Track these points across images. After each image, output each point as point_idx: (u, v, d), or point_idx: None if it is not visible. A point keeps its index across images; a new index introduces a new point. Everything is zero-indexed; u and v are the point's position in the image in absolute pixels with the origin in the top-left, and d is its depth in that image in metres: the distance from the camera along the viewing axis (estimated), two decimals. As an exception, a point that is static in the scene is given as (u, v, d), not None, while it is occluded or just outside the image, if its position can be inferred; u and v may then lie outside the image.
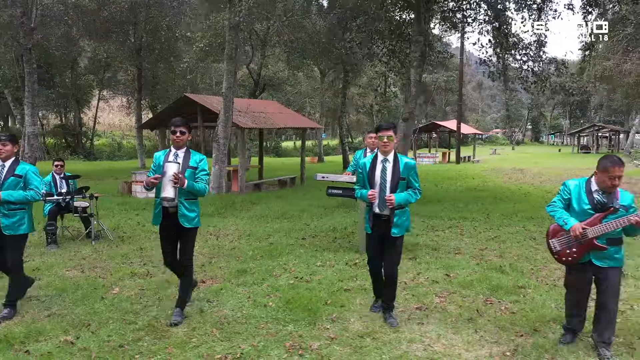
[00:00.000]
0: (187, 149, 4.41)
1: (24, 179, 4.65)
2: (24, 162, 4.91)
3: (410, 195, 4.13)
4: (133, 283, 5.66)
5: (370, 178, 4.20)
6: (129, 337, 4.06)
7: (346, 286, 5.26)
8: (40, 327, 4.30)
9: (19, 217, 4.63)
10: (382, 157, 4.19)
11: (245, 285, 5.41)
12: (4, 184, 4.56)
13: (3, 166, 4.63)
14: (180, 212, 4.32)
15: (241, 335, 4.08)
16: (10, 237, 4.58)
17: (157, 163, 4.36)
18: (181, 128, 4.33)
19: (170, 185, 4.12)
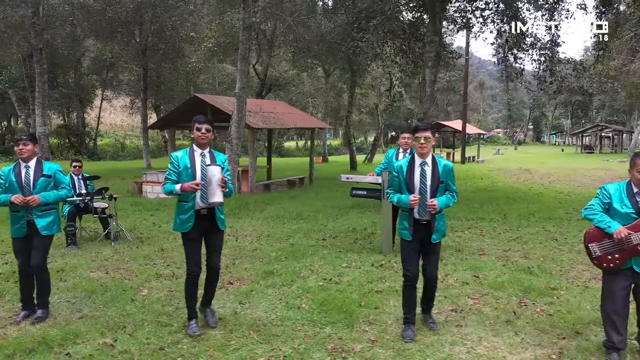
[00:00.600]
0: (210, 150, 4.26)
1: (54, 179, 4.62)
2: (47, 161, 4.84)
3: (449, 199, 3.99)
4: (160, 284, 5.63)
5: (408, 182, 3.98)
6: (168, 339, 4.04)
7: (376, 288, 5.24)
8: (76, 329, 4.27)
9: (52, 218, 4.64)
10: (420, 159, 3.98)
11: (274, 286, 5.39)
12: (36, 185, 4.52)
13: (27, 167, 4.55)
14: (217, 215, 4.22)
15: (279, 338, 4.06)
16: (44, 237, 4.57)
17: (183, 165, 4.12)
18: (206, 125, 4.13)
19: (220, 189, 3.94)
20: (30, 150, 4.54)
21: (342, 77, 34.63)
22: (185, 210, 4.14)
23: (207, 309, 4.45)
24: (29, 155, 4.53)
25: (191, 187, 3.97)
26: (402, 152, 6.88)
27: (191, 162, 4.13)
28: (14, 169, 4.54)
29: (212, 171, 4.01)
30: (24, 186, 4.48)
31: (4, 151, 33.36)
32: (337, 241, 7.59)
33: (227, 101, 15.61)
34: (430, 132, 3.98)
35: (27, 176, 4.51)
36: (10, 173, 4.52)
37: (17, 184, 4.47)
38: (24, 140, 4.52)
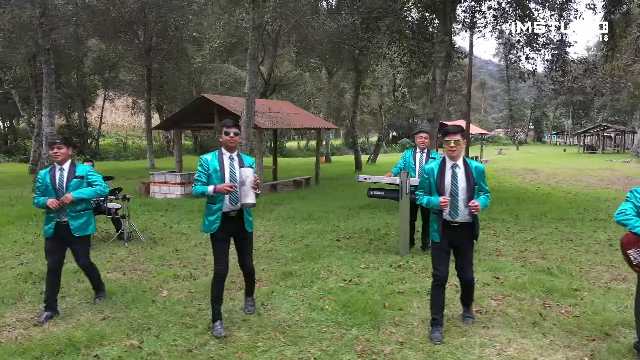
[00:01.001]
0: (238, 152, 4.31)
1: (86, 179, 4.72)
2: (79, 163, 4.89)
3: (486, 199, 4.04)
4: (179, 286, 5.62)
5: (438, 184, 3.99)
6: (195, 341, 4.03)
7: (397, 289, 5.23)
8: (100, 330, 4.26)
9: (86, 218, 4.75)
10: (451, 162, 4.01)
11: (294, 287, 5.37)
12: (69, 187, 4.62)
13: (62, 169, 4.67)
14: (246, 218, 4.26)
15: (306, 340, 4.04)
16: (79, 238, 4.70)
17: (213, 168, 4.16)
18: (234, 129, 4.19)
19: (252, 191, 4.01)
20: (65, 154, 4.65)
21: (345, 77, 34.69)
22: (213, 212, 4.18)
23: (249, 297, 4.66)
24: (64, 158, 4.66)
25: (225, 189, 4.00)
26: (419, 151, 6.88)
27: (220, 165, 4.18)
28: (50, 172, 4.67)
29: (246, 173, 4.06)
30: (57, 189, 4.59)
31: (7, 151, 33.37)
32: (352, 242, 7.58)
33: (234, 101, 15.59)
34: (461, 135, 3.99)
35: (60, 179, 4.63)
36: (46, 176, 4.66)
37: (52, 187, 4.59)
38: (58, 143, 4.64)
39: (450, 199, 3.94)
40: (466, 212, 3.96)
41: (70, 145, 4.83)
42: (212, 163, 4.19)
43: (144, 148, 44.87)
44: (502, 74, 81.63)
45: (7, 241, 8.05)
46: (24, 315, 4.72)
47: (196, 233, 8.67)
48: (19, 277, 5.92)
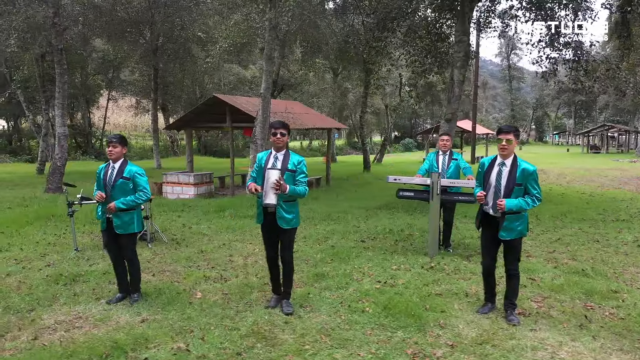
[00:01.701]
0: (287, 151, 4.47)
1: (132, 181, 4.81)
2: (131, 163, 4.93)
3: (526, 203, 4.09)
4: (212, 287, 5.58)
5: (485, 179, 4.22)
6: (241, 344, 4.00)
7: (434, 291, 5.20)
8: (143, 333, 4.23)
9: (129, 217, 4.87)
10: (500, 160, 4.16)
11: (330, 289, 5.34)
12: (114, 186, 4.76)
13: (113, 167, 4.82)
14: (279, 214, 4.45)
15: (353, 342, 4.01)
16: (120, 236, 4.84)
17: (260, 164, 4.48)
18: (281, 130, 4.41)
19: (272, 192, 4.19)
20: (119, 152, 4.78)
21: (349, 77, 34.63)
22: (258, 205, 4.57)
23: (284, 301, 4.70)
24: (117, 157, 4.80)
25: (251, 190, 4.36)
26: (441, 154, 6.85)
27: (265, 164, 4.40)
28: (105, 168, 4.87)
29: (269, 174, 4.26)
30: (106, 185, 4.79)
31: (12, 151, 33.32)
32: (377, 243, 7.54)
33: (246, 101, 15.57)
34: (514, 134, 4.03)
35: (110, 176, 4.79)
36: (101, 171, 4.87)
37: (102, 182, 4.81)
38: (113, 142, 4.77)
39: (493, 194, 4.15)
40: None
41: (126, 144, 4.93)
42: (260, 160, 4.48)
43: (147, 148, 44.89)
44: (503, 74, 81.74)
45: (29, 242, 8.01)
46: (62, 318, 4.69)
47: (217, 234, 8.65)
48: (49, 279, 5.89)
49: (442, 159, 6.78)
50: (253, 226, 9.23)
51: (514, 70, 78.68)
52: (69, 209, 7.47)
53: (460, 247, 7.08)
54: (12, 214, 10.18)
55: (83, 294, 5.34)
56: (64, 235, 8.60)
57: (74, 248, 7.40)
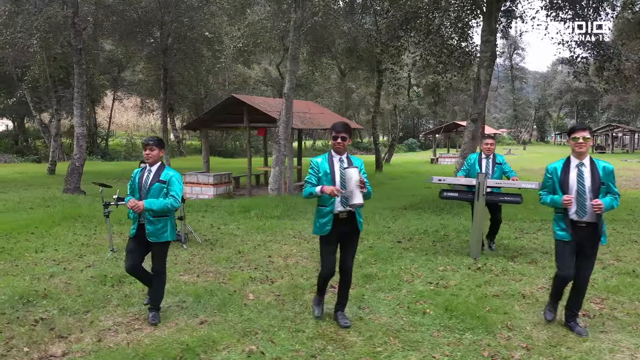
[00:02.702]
0: (347, 155, 4.28)
1: (167, 185, 4.53)
2: (169, 167, 4.75)
3: (613, 201, 3.94)
4: (261, 288, 5.55)
5: (562, 183, 4.00)
6: (311, 345, 3.97)
7: (488, 292, 5.17)
8: (207, 335, 4.20)
9: (162, 225, 4.56)
10: (577, 160, 3.99)
11: (382, 291, 5.31)
12: (150, 190, 4.50)
13: (150, 171, 4.58)
14: (358, 218, 4.24)
15: (423, 344, 3.98)
16: (153, 244, 4.55)
17: (323, 171, 4.18)
18: (343, 134, 4.15)
19: (359, 191, 3.95)
20: (156, 155, 4.53)
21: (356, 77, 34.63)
22: (324, 214, 4.18)
23: (339, 312, 4.46)
24: (154, 160, 4.55)
25: (333, 192, 3.97)
26: (484, 157, 6.79)
27: (330, 168, 4.18)
28: (141, 171, 4.61)
29: (350, 173, 3.99)
30: (141, 188, 4.52)
31: (18, 151, 33.22)
32: (414, 244, 7.51)
33: (263, 101, 15.55)
34: (589, 132, 3.96)
35: (146, 179, 4.55)
36: (137, 175, 4.62)
37: (138, 186, 4.55)
38: (150, 145, 4.52)
39: (577, 198, 3.93)
40: (592, 212, 3.91)
41: (163, 146, 4.67)
42: (322, 166, 4.20)
43: (152, 148, 44.78)
44: (505, 74, 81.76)
45: (62, 243, 7.97)
46: (119, 319, 4.65)
47: (248, 234, 8.62)
48: (95, 280, 5.85)
49: (485, 162, 6.68)
50: (282, 227, 9.20)
51: (516, 70, 78.74)
52: (105, 210, 7.44)
53: (500, 248, 7.05)
54: (38, 215, 10.14)
55: (133, 296, 5.31)
56: (94, 236, 8.56)
57: (110, 249, 7.36)
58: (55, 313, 4.78)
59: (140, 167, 7.99)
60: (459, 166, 10.90)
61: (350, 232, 4.24)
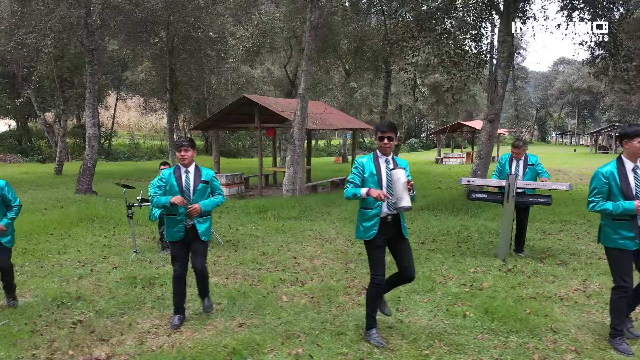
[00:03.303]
0: (393, 156, 4.16)
1: (210, 185, 4.64)
2: (202, 167, 4.76)
3: None
4: (293, 290, 5.53)
5: (624, 188, 3.77)
6: (359, 349, 3.94)
7: (525, 294, 5.15)
8: (249, 337, 4.17)
9: (209, 224, 4.70)
10: (632, 164, 3.80)
11: (417, 292, 5.29)
12: (196, 191, 4.55)
13: (187, 172, 4.57)
14: (402, 223, 4.09)
15: (470, 347, 3.96)
16: (202, 242, 4.61)
17: (369, 171, 4.04)
18: (389, 134, 4.02)
19: (407, 193, 3.81)
20: (190, 157, 4.54)
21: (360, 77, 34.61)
22: (370, 217, 4.01)
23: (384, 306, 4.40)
24: (189, 161, 4.56)
25: (380, 196, 3.81)
26: (515, 160, 6.75)
27: (377, 169, 4.02)
28: (174, 173, 4.57)
29: (397, 175, 3.85)
30: (184, 191, 4.52)
31: (22, 151, 33.13)
32: (439, 245, 7.49)
33: (274, 102, 15.52)
34: None
35: (187, 181, 4.54)
36: (171, 177, 4.56)
37: (178, 189, 4.51)
38: (185, 146, 4.51)
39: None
40: None
41: (195, 147, 4.67)
42: (367, 166, 4.04)
43: (155, 148, 44.84)
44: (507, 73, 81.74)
45: (83, 244, 7.95)
46: (156, 322, 4.63)
47: (268, 235, 8.60)
48: (124, 282, 5.83)
49: (515, 164, 6.65)
50: (300, 228, 9.18)
51: (517, 70, 78.77)
52: (128, 211, 7.41)
53: (526, 249, 7.03)
54: (54, 216, 10.10)
55: (166, 298, 5.27)
56: (114, 237, 8.54)
57: (133, 250, 7.34)
58: (92, 315, 4.76)
59: (161, 168, 8.00)
60: (475, 167, 10.89)
61: (397, 236, 4.08)
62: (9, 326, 4.44)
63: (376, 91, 46.70)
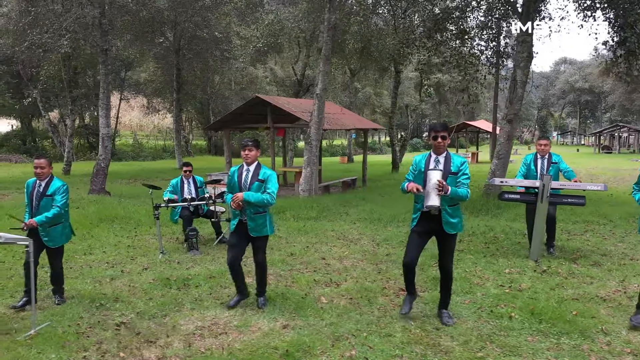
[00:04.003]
0: (448, 154, 4.30)
1: (265, 183, 4.79)
2: (265, 166, 4.92)
3: None
4: (329, 291, 5.50)
5: None
6: (412, 351, 3.91)
7: (564, 295, 5.12)
8: (298, 340, 4.14)
9: (262, 221, 4.88)
10: None
11: (456, 294, 5.24)
12: (251, 188, 4.76)
13: (248, 170, 4.83)
14: (444, 219, 4.28)
15: (522, 349, 3.93)
16: (256, 238, 4.88)
17: (418, 169, 4.35)
18: (442, 133, 4.22)
19: (434, 193, 4.04)
20: (254, 156, 4.79)
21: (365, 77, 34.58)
22: (415, 210, 4.45)
23: (443, 310, 4.56)
24: (252, 160, 4.80)
25: (413, 189, 4.19)
26: (539, 157, 6.77)
27: (425, 167, 4.28)
28: (238, 170, 4.86)
29: (430, 175, 4.13)
30: (242, 187, 4.79)
31: (26, 151, 33.05)
32: (467, 245, 7.46)
33: (287, 102, 15.48)
34: None
35: (246, 179, 4.80)
36: (234, 174, 4.86)
37: (238, 185, 4.81)
38: (249, 146, 4.75)
39: None
40: None
41: (259, 147, 4.89)
42: (419, 164, 4.35)
43: (159, 148, 44.74)
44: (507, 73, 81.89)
45: (107, 245, 7.91)
46: (199, 323, 4.60)
47: (291, 236, 8.56)
48: (159, 284, 5.79)
49: (541, 162, 6.69)
50: (322, 228, 9.13)
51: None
52: (155, 212, 7.37)
53: (555, 250, 7.00)
54: (73, 216, 9.93)
55: (204, 299, 5.26)
56: (136, 238, 8.50)
57: (160, 251, 7.30)
58: (134, 317, 4.72)
59: (184, 169, 7.97)
60: (493, 167, 10.87)
61: (439, 231, 4.31)
62: (53, 328, 4.41)
63: (379, 91, 46.72)
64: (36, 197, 4.98)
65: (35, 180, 5.04)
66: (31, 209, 4.99)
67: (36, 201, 4.97)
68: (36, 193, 4.98)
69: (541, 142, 6.77)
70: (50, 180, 5.01)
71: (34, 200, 4.99)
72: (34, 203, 4.98)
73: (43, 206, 4.94)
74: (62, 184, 5.05)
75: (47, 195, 4.96)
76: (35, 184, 5.01)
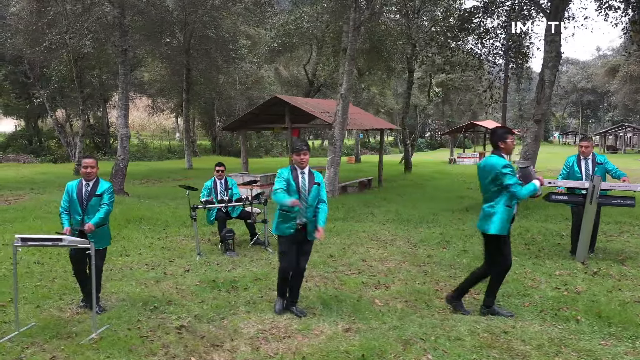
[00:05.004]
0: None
1: (320, 188, 4.85)
2: (313, 169, 4.85)
3: None
4: (381, 294, 5.44)
5: None
6: (489, 356, 3.84)
7: (623, 298, 5.06)
8: (367, 344, 4.06)
9: (312, 226, 4.84)
10: None
11: (512, 296, 5.20)
12: (310, 191, 4.77)
13: (303, 173, 4.80)
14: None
15: (598, 353, 3.86)
16: (310, 242, 4.90)
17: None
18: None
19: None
20: (308, 160, 4.80)
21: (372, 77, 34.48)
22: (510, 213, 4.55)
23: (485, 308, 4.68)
24: (306, 164, 4.82)
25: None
26: (583, 159, 6.71)
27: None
28: (292, 174, 4.76)
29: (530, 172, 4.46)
30: (300, 191, 4.72)
31: (33, 151, 32.93)
32: (506, 247, 7.38)
33: (305, 102, 15.43)
34: None
35: (303, 182, 4.76)
36: (289, 177, 4.75)
37: (295, 188, 4.72)
38: (304, 150, 4.74)
39: None
40: None
41: (309, 151, 4.83)
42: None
43: (164, 148, 44.62)
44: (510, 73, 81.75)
45: (141, 246, 7.83)
46: (259, 327, 4.53)
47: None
48: (206, 286, 5.71)
49: (585, 163, 6.62)
50: (351, 229, 9.05)
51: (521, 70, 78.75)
52: (192, 213, 7.30)
53: (599, 251, 6.95)
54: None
55: (258, 302, 5.19)
56: (167, 239, 8.43)
57: (197, 253, 7.23)
58: (192, 320, 4.65)
59: (216, 169, 7.88)
60: (519, 168, 10.78)
61: None
62: (113, 331, 4.33)
63: (384, 91, 46.59)
64: (86, 198, 4.89)
65: (79, 181, 4.96)
66: (82, 210, 4.90)
67: (86, 201, 4.89)
68: (85, 193, 4.90)
69: (582, 144, 6.71)
70: (97, 180, 4.98)
71: (84, 201, 4.90)
72: (83, 204, 4.89)
73: (92, 206, 4.89)
74: (109, 184, 5.04)
75: (97, 195, 4.90)
76: (81, 185, 4.93)
